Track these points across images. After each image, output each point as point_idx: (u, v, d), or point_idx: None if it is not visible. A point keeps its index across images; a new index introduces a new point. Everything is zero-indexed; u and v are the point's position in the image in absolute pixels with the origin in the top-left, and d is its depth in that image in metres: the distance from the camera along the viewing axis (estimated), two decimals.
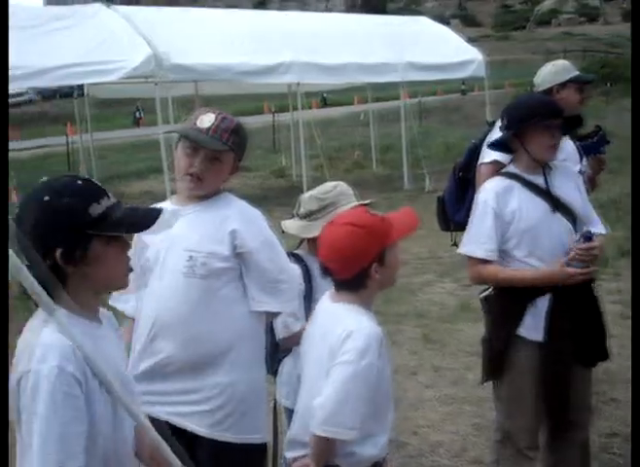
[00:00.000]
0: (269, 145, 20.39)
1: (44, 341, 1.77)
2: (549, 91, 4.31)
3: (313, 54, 12.69)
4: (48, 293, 1.70)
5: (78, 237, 1.83)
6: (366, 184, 13.75)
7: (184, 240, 2.72)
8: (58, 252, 1.81)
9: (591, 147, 4.23)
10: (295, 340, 3.07)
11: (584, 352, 3.35)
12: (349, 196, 3.23)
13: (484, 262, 3.29)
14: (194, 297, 2.72)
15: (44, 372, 1.73)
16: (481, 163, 3.90)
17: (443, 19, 78.48)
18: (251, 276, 2.83)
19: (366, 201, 3.19)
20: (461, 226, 3.89)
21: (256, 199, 4.27)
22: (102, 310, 2.03)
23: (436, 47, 14.82)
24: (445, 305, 7.13)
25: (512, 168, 3.44)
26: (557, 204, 3.34)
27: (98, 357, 1.80)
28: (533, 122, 3.31)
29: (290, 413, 3.19)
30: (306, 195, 3.27)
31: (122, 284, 2.02)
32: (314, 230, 3.11)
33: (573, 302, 3.29)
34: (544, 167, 3.39)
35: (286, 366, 3.26)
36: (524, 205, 3.29)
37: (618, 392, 4.86)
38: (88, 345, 1.79)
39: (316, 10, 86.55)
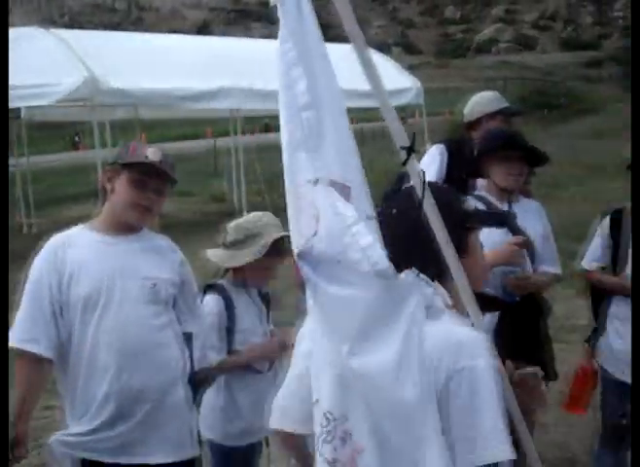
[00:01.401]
0: (210, 170, 20.34)
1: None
2: (477, 122, 4.42)
3: (254, 80, 12.72)
4: None
5: (460, 230, 1.92)
6: None
7: (139, 269, 2.79)
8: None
9: None
10: (214, 372, 3.12)
11: None
12: (276, 226, 3.26)
13: None
14: (159, 323, 2.81)
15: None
16: None
17: (385, 47, 79.66)
18: (186, 302, 2.98)
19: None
20: None
21: (195, 225, 4.27)
22: None
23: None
24: None
25: (482, 192, 3.61)
26: (514, 232, 3.46)
27: None
28: (494, 152, 3.55)
29: (211, 445, 3.22)
30: (232, 224, 3.31)
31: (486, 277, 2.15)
32: (239, 259, 3.18)
33: (520, 322, 3.38)
34: (509, 198, 3.51)
35: (207, 398, 3.26)
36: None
37: (547, 416, 4.94)
38: None
39: (260, 36, 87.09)
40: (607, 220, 3.80)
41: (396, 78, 15.44)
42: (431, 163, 4.29)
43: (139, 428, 2.76)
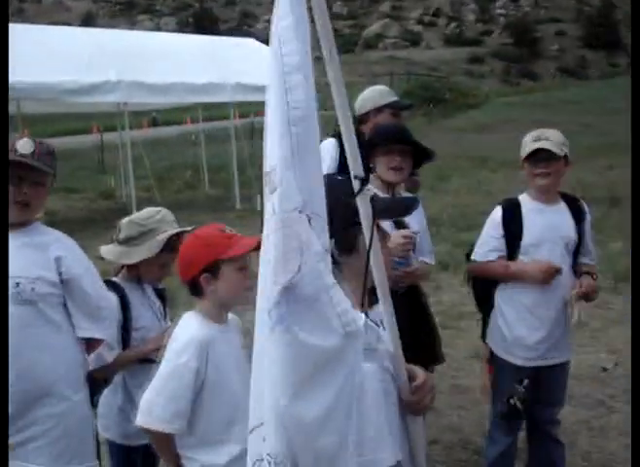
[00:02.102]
0: (96, 166, 19.84)
1: None
2: (366, 115, 4.49)
3: (141, 74, 12.49)
4: None
5: (349, 227, 1.93)
6: (197, 204, 13.69)
7: (10, 269, 2.65)
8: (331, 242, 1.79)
9: None
10: (109, 370, 3.08)
11: (416, 356, 3.53)
12: (170, 222, 3.22)
13: None
14: (23, 324, 2.68)
15: None
16: None
17: None
18: (76, 303, 2.85)
19: (187, 228, 3.18)
20: None
21: (82, 222, 4.17)
22: None
23: (264, 69, 14.95)
24: None
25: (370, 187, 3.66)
26: (398, 225, 3.52)
27: None
28: (377, 146, 3.64)
29: (110, 445, 3.16)
30: (126, 220, 3.24)
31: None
32: (134, 256, 3.12)
33: (402, 307, 3.46)
34: (393, 191, 3.57)
35: (104, 397, 3.21)
36: None
37: (441, 401, 5.09)
38: None
39: (146, 28, 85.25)
40: (499, 210, 3.91)
41: None
42: (323, 158, 4.33)
43: (14, 432, 2.69)
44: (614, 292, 7.64)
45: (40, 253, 2.80)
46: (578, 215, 3.88)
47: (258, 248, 2.56)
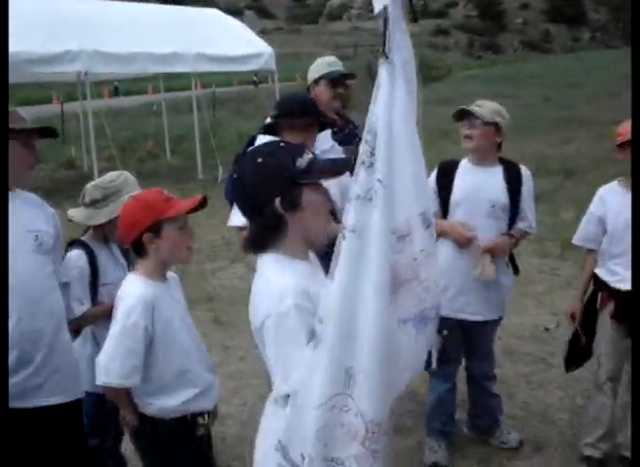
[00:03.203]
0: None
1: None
2: (309, 87, 4.70)
3: (102, 43, 12.42)
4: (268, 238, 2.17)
5: (291, 187, 2.13)
6: (160, 174, 13.75)
7: (24, 223, 2.93)
8: (277, 201, 2.11)
9: (343, 140, 4.42)
10: (80, 322, 3.30)
11: None
12: (133, 184, 3.42)
13: None
14: (46, 271, 3.00)
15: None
16: None
17: (237, 11, 78.60)
18: (56, 253, 3.16)
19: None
20: None
21: (45, 192, 4.32)
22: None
23: (227, 39, 15.00)
24: (236, 288, 7.39)
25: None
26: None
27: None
28: (287, 118, 3.75)
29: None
30: (91, 184, 3.44)
31: (326, 228, 2.27)
32: (99, 217, 3.35)
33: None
34: None
35: (77, 347, 3.40)
36: None
37: None
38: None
39: None
40: (435, 169, 4.11)
41: (248, 43, 15.50)
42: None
43: (39, 373, 2.94)
44: (560, 258, 7.96)
45: (40, 210, 3.10)
46: (514, 180, 4.06)
47: (195, 209, 2.81)
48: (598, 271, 3.99)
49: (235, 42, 15.14)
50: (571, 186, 11.99)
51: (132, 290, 2.80)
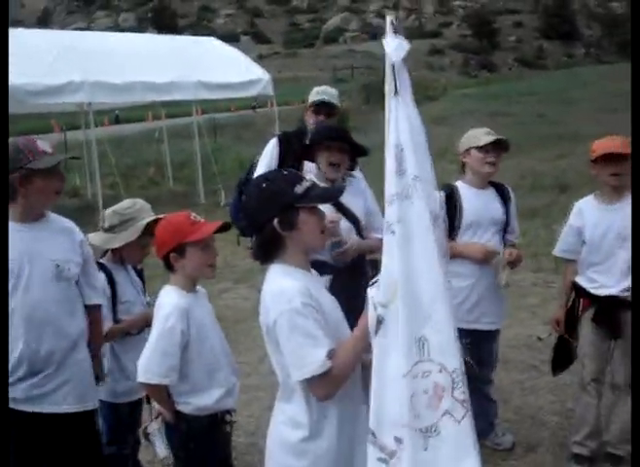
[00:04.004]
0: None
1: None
2: (305, 113, 5.09)
3: (104, 74, 12.78)
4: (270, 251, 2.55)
5: (289, 210, 2.49)
6: (162, 200, 14.01)
7: (46, 252, 3.24)
8: (276, 221, 2.47)
9: None
10: (103, 339, 3.62)
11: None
12: (147, 211, 3.78)
13: None
14: (63, 297, 3.30)
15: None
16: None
17: (233, 37, 79.28)
18: (85, 277, 3.45)
19: (161, 216, 3.68)
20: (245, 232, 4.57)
21: None
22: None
23: (225, 66, 15.39)
24: (241, 308, 7.66)
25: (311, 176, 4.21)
26: (340, 209, 4.06)
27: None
28: (317, 143, 4.16)
29: (101, 402, 3.70)
30: (109, 210, 3.80)
31: (321, 244, 2.69)
32: (116, 241, 3.70)
33: (347, 283, 3.95)
34: (333, 184, 4.10)
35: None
36: None
37: None
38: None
39: (104, 24, 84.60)
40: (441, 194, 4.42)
41: (246, 70, 15.87)
42: (264, 156, 4.94)
43: (48, 382, 3.27)
44: (554, 272, 8.20)
45: (68, 238, 3.39)
46: (504, 199, 4.47)
47: (217, 232, 3.11)
48: (578, 279, 4.29)
49: (234, 69, 15.52)
50: (565, 201, 12.21)
51: (168, 299, 3.12)
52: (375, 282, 2.36)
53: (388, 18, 2.43)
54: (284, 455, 2.59)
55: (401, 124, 2.34)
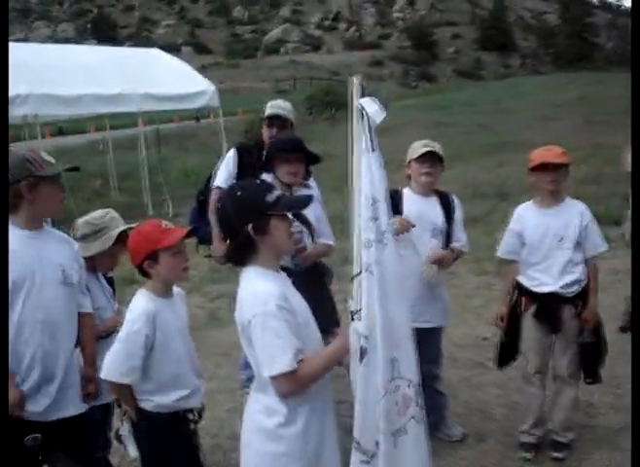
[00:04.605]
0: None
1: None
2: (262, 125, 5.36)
3: (49, 86, 12.74)
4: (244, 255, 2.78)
5: (261, 217, 2.73)
6: None
7: (54, 258, 3.43)
8: (250, 227, 2.71)
9: None
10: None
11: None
12: (119, 220, 3.95)
13: None
14: (67, 301, 3.48)
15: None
16: (212, 188, 4.97)
17: (174, 47, 78.81)
18: (82, 287, 3.64)
19: (132, 225, 3.85)
20: (204, 240, 4.78)
21: None
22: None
23: (171, 78, 15.47)
24: (196, 316, 7.80)
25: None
26: (298, 217, 4.28)
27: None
28: (276, 155, 4.43)
29: None
30: (82, 220, 3.96)
31: (291, 249, 3.06)
32: (89, 250, 3.86)
33: (308, 286, 4.16)
34: (290, 191, 4.39)
35: None
36: None
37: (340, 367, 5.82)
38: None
39: (43, 35, 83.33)
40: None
41: (191, 81, 15.98)
42: (224, 166, 5.17)
43: (60, 389, 3.44)
44: (496, 275, 8.56)
45: (69, 246, 3.59)
46: (447, 207, 4.74)
47: (187, 237, 3.30)
48: (520, 279, 4.60)
49: (179, 81, 15.60)
50: (505, 208, 12.59)
51: (138, 303, 3.31)
52: (357, 314, 2.69)
53: (356, 81, 2.83)
54: (262, 441, 2.79)
55: (377, 180, 2.69)
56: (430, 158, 4.58)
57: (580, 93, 28.15)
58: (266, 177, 4.54)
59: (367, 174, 2.67)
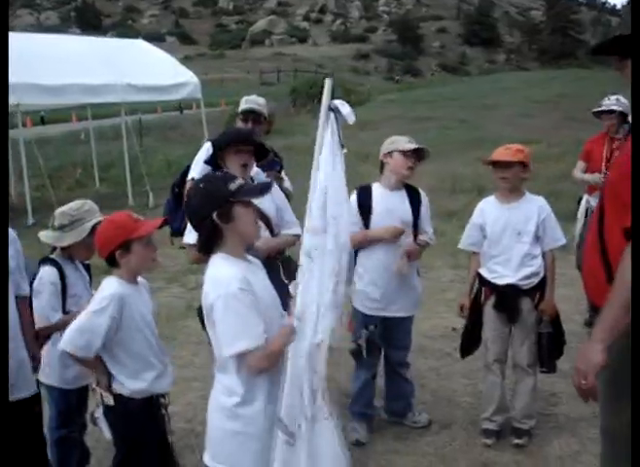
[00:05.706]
0: None
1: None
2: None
3: (33, 76, 12.78)
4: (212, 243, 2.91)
5: (225, 204, 2.86)
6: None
7: None
8: (215, 214, 2.84)
9: (265, 166, 5.05)
10: (51, 329, 3.89)
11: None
12: (95, 212, 4.06)
13: None
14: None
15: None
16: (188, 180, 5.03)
17: (159, 37, 78.48)
18: (20, 269, 3.77)
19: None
20: (179, 232, 4.89)
21: None
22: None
23: (154, 69, 15.56)
24: (174, 306, 7.95)
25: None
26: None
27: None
28: (228, 146, 4.40)
29: (51, 389, 3.98)
30: (59, 210, 4.08)
31: (255, 234, 3.09)
32: (66, 239, 4.00)
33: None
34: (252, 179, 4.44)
35: (46, 350, 4.00)
36: None
37: None
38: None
39: (26, 22, 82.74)
40: (354, 193, 4.79)
41: (174, 72, 16.06)
42: (199, 159, 5.23)
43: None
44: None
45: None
46: (414, 201, 4.86)
47: (158, 228, 3.44)
48: (481, 271, 4.79)
49: (162, 72, 15.69)
50: None
51: (107, 286, 3.45)
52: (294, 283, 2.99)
53: (329, 82, 3.20)
54: (222, 419, 2.96)
55: (337, 173, 2.97)
56: (416, 154, 4.72)
57: (561, 90, 28.40)
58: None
59: (328, 169, 2.92)
